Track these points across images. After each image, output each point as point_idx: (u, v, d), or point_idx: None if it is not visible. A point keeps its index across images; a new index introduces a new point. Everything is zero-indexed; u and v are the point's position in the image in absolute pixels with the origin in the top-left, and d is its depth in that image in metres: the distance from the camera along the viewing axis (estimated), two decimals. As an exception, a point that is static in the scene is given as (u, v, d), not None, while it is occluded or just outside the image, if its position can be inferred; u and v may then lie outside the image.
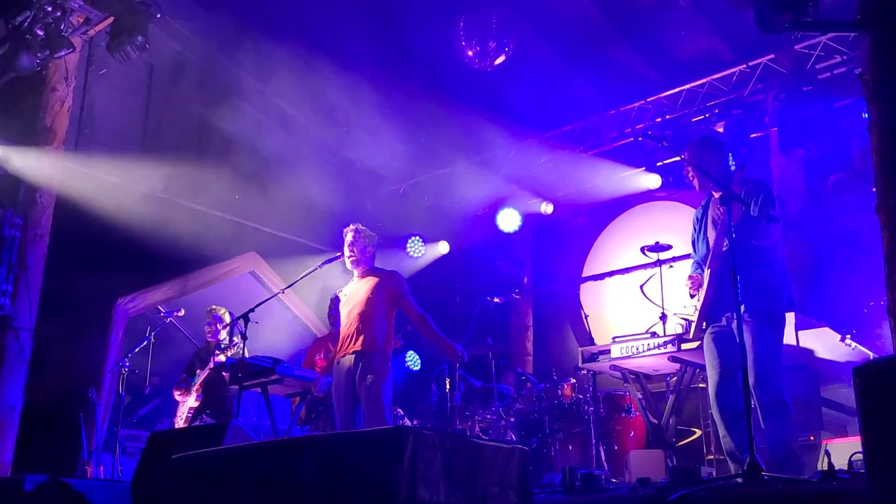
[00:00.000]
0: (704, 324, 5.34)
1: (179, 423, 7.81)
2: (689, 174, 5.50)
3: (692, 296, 5.48)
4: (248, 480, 3.95)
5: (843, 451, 5.04)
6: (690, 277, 5.45)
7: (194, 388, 7.82)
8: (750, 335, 5.05)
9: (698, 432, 7.75)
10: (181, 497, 4.28)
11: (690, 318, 5.59)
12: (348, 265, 6.50)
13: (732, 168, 5.53)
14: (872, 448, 2.74)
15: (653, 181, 9.88)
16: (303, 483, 3.78)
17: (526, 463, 3.92)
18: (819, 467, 4.97)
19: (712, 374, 5.29)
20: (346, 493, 3.58)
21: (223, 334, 8.05)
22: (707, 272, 5.24)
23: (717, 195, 5.37)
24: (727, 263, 5.02)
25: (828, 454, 4.15)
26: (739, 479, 4.21)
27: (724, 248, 5.09)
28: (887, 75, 3.85)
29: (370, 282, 6.37)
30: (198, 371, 7.86)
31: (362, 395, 6.01)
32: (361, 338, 6.15)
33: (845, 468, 4.19)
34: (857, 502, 3.17)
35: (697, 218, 5.69)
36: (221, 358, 7.73)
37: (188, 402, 7.84)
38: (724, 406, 5.17)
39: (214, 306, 8.32)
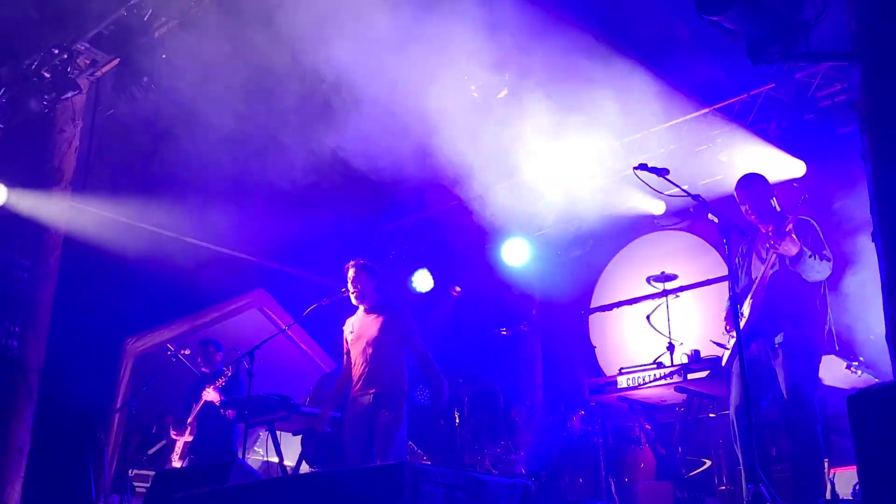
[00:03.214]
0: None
1: (175, 459, 7.78)
2: (745, 209, 5.56)
3: (727, 330, 5.60)
4: (250, 519, 3.96)
5: (850, 479, 5.01)
6: (727, 313, 5.56)
7: (189, 423, 7.79)
8: (784, 367, 5.14)
9: (708, 463, 7.70)
10: (185, 536, 4.29)
11: (726, 345, 5.67)
12: (353, 300, 6.51)
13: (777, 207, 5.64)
14: (868, 476, 2.73)
15: (658, 209, 9.92)
16: (305, 520, 3.78)
17: (529, 497, 3.92)
18: (826, 496, 4.94)
19: (735, 400, 5.31)
20: (347, 530, 3.58)
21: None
22: (749, 302, 5.29)
23: (765, 230, 5.46)
24: (768, 294, 5.17)
25: (832, 482, 4.13)
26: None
27: (766, 281, 5.24)
28: (879, 105, 3.87)
29: (379, 319, 6.37)
30: (193, 406, 7.84)
31: (379, 433, 6.01)
32: (379, 377, 6.16)
33: (850, 497, 4.17)
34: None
35: (742, 251, 5.74)
36: (211, 395, 7.64)
37: (183, 438, 7.81)
38: (742, 433, 5.17)
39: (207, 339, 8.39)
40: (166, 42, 7.44)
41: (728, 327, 5.56)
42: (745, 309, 5.33)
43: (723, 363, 5.77)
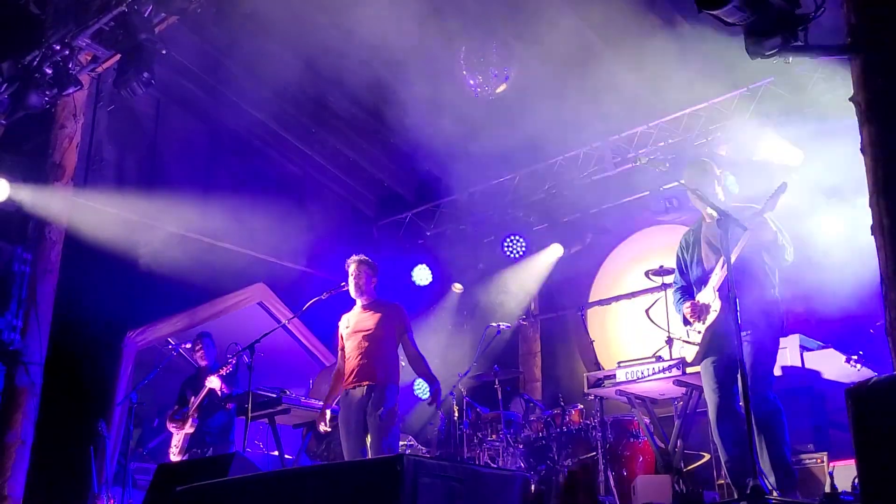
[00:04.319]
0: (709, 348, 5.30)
1: (176, 452, 7.79)
2: (695, 195, 5.49)
3: (689, 322, 5.41)
4: (252, 511, 3.98)
5: (849, 473, 5.02)
6: (692, 304, 5.36)
7: (189, 415, 7.80)
8: (752, 354, 5.04)
9: (707, 456, 7.71)
10: (187, 529, 4.31)
11: (693, 342, 5.47)
12: (352, 294, 6.56)
13: (733, 191, 5.57)
14: (867, 469, 2.74)
15: (656, 205, 9.92)
16: (306, 513, 3.80)
17: (527, 489, 3.95)
18: (826, 489, 4.95)
19: (713, 398, 5.27)
20: (348, 522, 3.60)
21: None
22: (715, 294, 5.22)
23: (709, 219, 5.34)
24: (737, 286, 5.04)
25: (831, 476, 4.15)
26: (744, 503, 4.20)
27: (729, 273, 5.11)
28: (878, 98, 3.88)
29: (376, 314, 6.42)
30: (191, 399, 7.84)
31: (373, 426, 6.04)
32: (372, 370, 6.20)
33: (849, 490, 4.19)
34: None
35: (688, 242, 5.64)
36: (215, 382, 7.65)
37: (183, 430, 7.81)
38: (724, 430, 5.16)
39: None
40: (167, 37, 7.45)
41: (692, 318, 5.35)
42: (715, 303, 5.20)
43: (689, 359, 5.63)
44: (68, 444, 8.06)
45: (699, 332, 5.33)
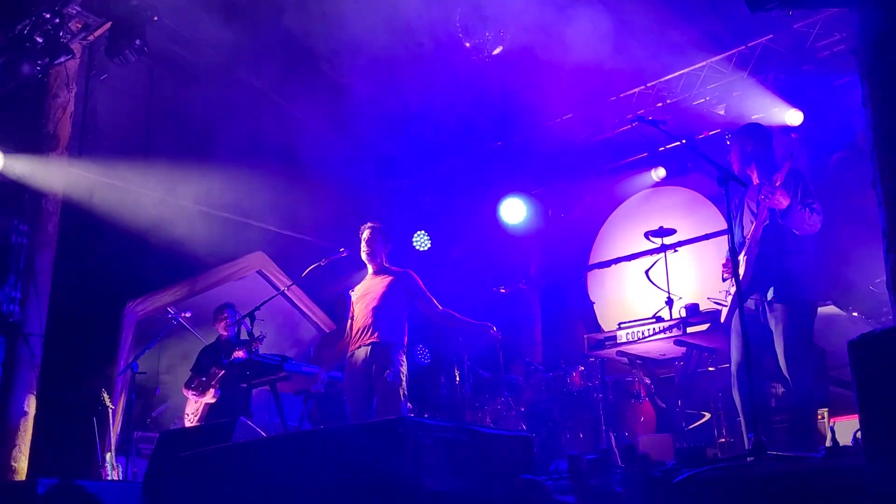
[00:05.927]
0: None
1: (192, 419, 7.81)
2: (743, 159, 5.56)
3: (725, 279, 5.56)
4: (255, 474, 3.99)
5: (850, 428, 5.04)
6: (725, 263, 5.53)
7: (212, 385, 7.80)
8: (780, 320, 5.17)
9: (708, 415, 7.75)
10: (192, 493, 4.33)
11: (722, 301, 5.64)
12: (363, 258, 6.56)
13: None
14: (869, 423, 2.74)
15: (656, 168, 9.91)
16: (309, 475, 3.81)
17: (529, 449, 3.95)
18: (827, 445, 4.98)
19: (735, 355, 5.34)
20: (351, 484, 3.61)
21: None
22: (743, 257, 5.27)
23: (757, 181, 5.46)
24: (762, 249, 5.18)
25: (832, 431, 4.16)
26: (746, 459, 4.22)
27: (759, 235, 5.20)
28: (879, 51, 3.84)
29: (386, 279, 6.43)
30: (213, 368, 7.84)
31: (378, 388, 6.04)
32: (377, 330, 6.20)
33: (850, 445, 4.19)
34: (859, 478, 3.17)
35: (735, 203, 5.71)
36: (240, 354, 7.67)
37: (204, 400, 7.82)
38: (743, 385, 5.20)
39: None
40: (158, 4, 7.37)
41: (726, 275, 5.53)
42: (742, 265, 5.32)
43: (721, 319, 5.77)
44: (71, 415, 8.08)
45: (730, 293, 5.45)
